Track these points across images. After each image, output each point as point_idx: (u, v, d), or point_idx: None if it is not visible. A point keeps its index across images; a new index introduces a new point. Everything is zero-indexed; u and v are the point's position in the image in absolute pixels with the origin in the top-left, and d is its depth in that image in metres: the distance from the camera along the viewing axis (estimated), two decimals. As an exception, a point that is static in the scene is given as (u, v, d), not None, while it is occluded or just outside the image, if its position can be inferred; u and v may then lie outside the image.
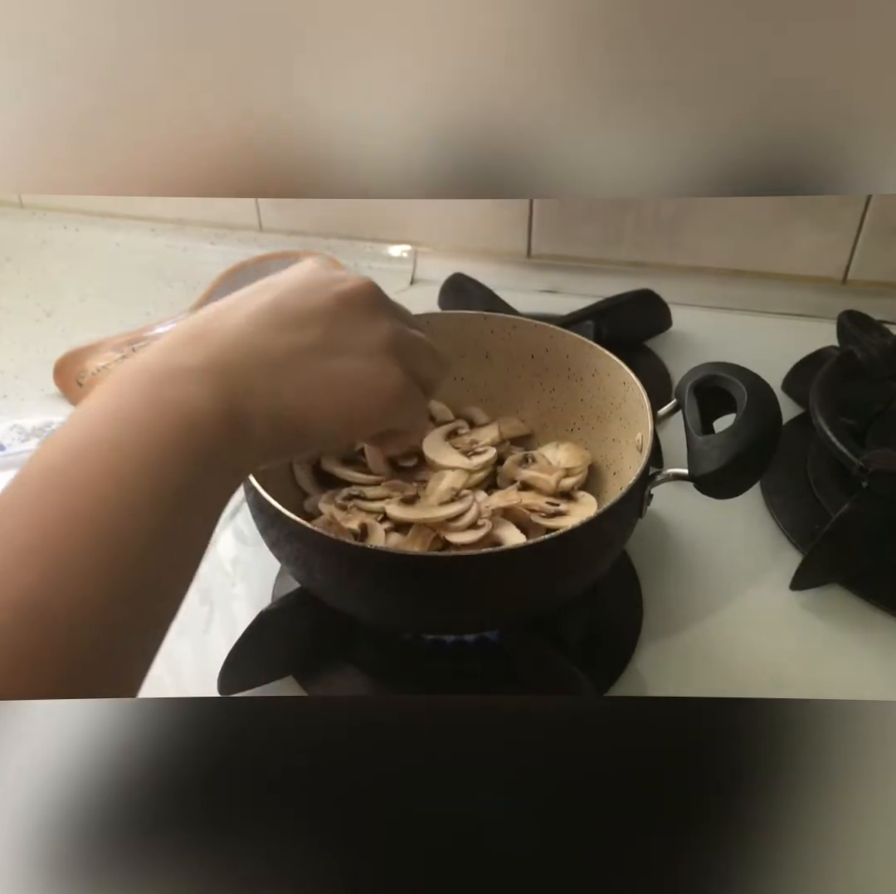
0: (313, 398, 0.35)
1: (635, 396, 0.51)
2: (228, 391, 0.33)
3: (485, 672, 0.50)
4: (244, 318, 0.35)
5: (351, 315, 0.37)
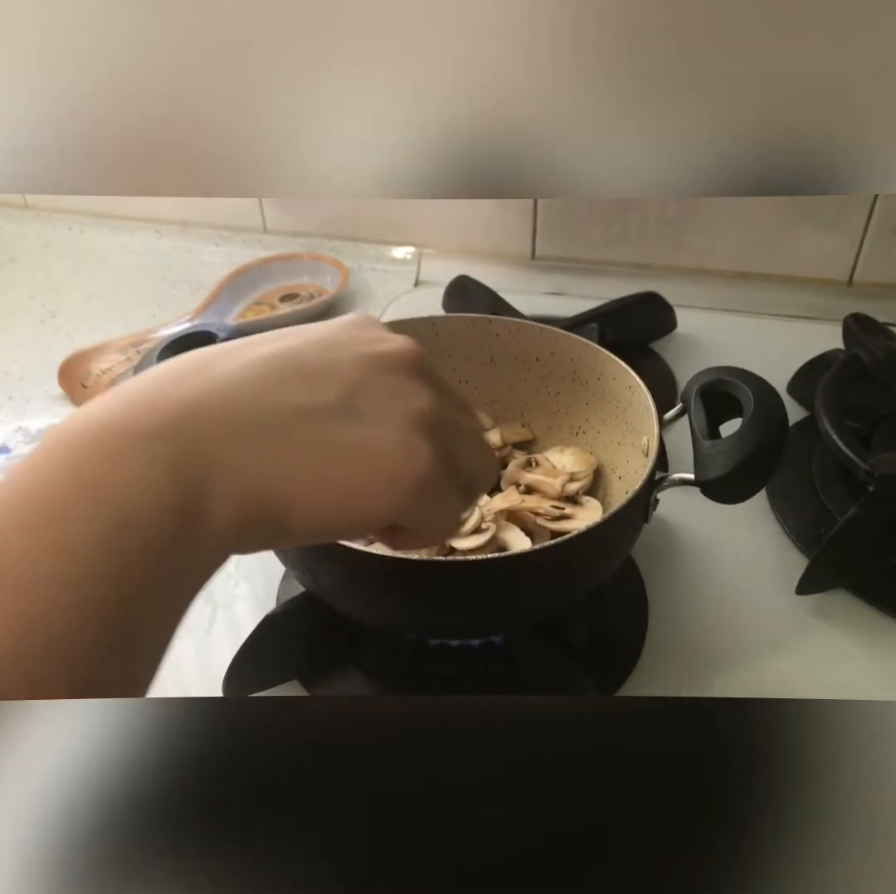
0: (304, 474, 0.26)
1: (641, 400, 0.51)
2: (181, 467, 0.24)
3: (489, 676, 0.50)
4: (243, 364, 0.27)
5: (381, 378, 0.29)
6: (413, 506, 0.28)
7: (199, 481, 0.25)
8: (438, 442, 0.29)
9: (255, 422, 0.26)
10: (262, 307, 0.85)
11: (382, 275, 0.90)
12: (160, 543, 0.24)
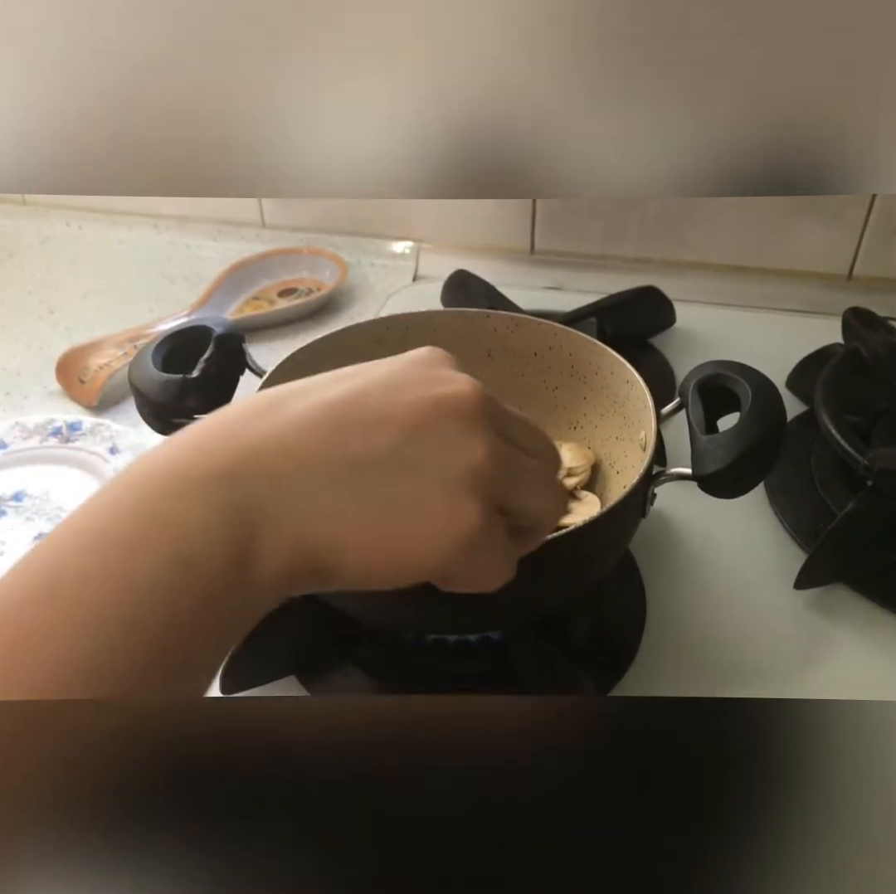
0: (352, 527, 0.27)
1: (639, 395, 0.51)
2: (238, 511, 0.25)
3: (487, 672, 0.50)
4: (305, 409, 0.27)
5: (440, 425, 0.28)
6: (459, 563, 0.28)
7: (254, 527, 0.25)
8: (493, 494, 0.28)
9: (309, 471, 0.26)
10: (261, 302, 0.85)
11: (381, 269, 0.90)
12: (214, 585, 0.25)
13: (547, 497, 0.32)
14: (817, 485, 0.61)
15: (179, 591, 0.24)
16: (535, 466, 0.31)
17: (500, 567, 0.31)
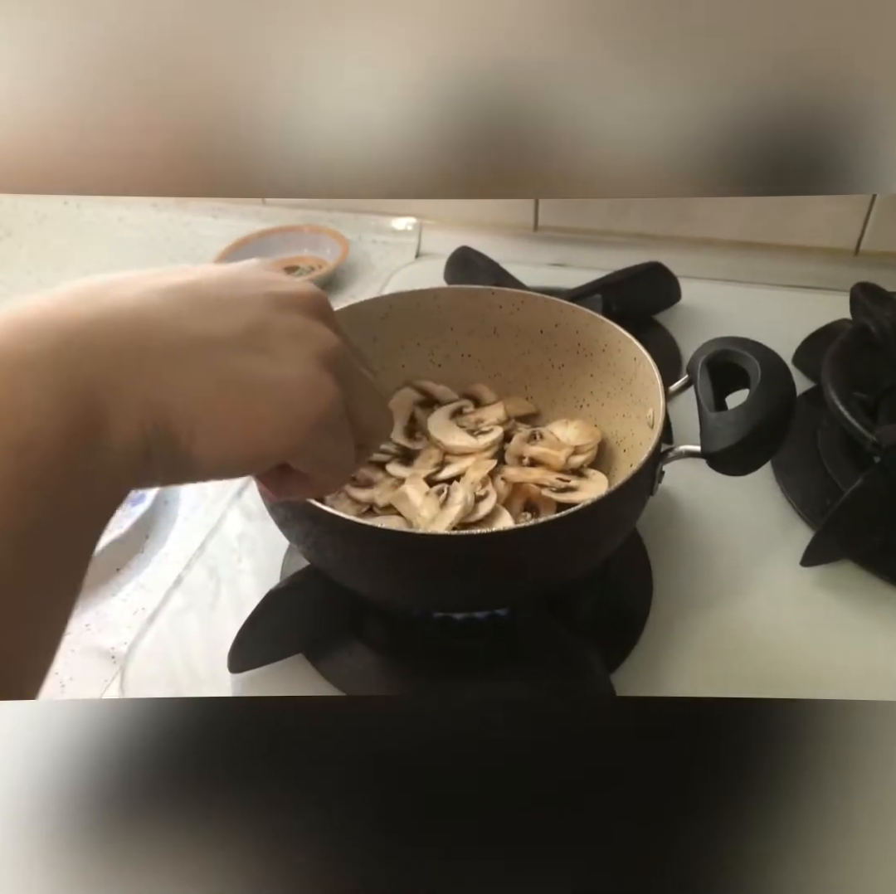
0: (203, 403, 0.26)
1: (646, 372, 0.50)
2: (76, 389, 0.24)
3: (494, 649, 0.50)
4: (138, 293, 0.26)
5: (284, 317, 0.28)
6: (310, 444, 0.28)
7: (93, 406, 0.24)
8: (340, 383, 0.29)
9: (148, 349, 0.25)
10: (262, 280, 0.84)
11: (383, 246, 0.89)
12: (61, 467, 0.23)
13: (381, 406, 0.32)
14: (824, 462, 0.61)
15: (27, 479, 0.23)
16: (369, 377, 0.31)
17: (341, 465, 0.31)
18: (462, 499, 0.48)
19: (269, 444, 0.28)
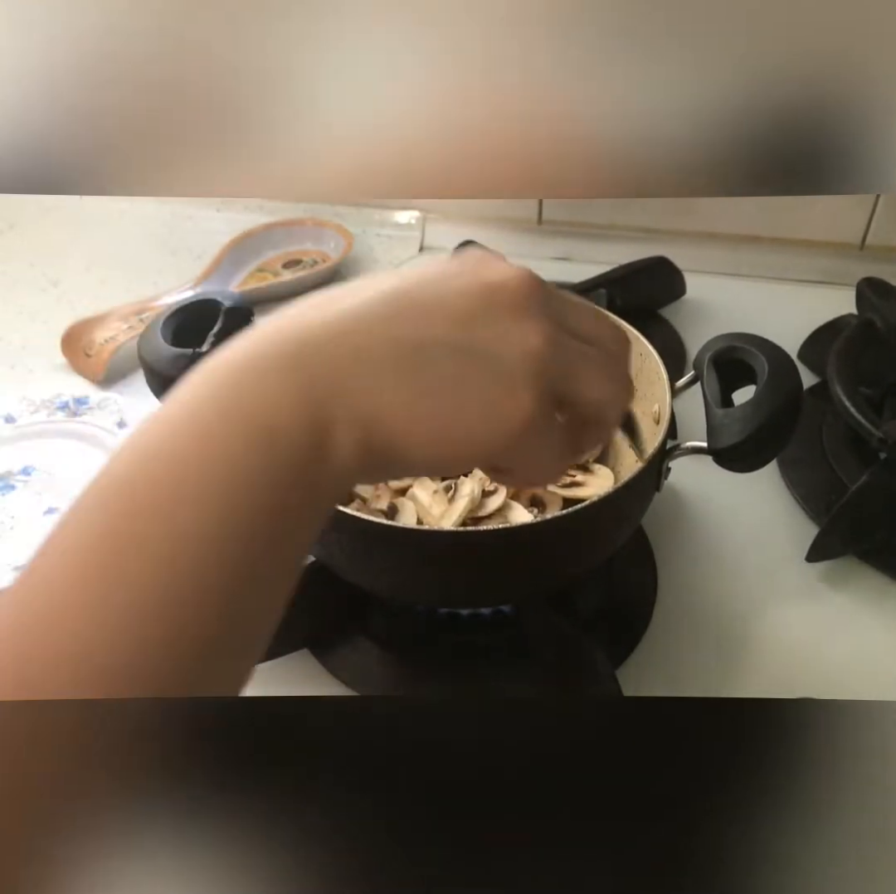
0: (417, 412, 0.28)
1: (652, 367, 0.50)
2: (312, 391, 0.26)
3: (499, 645, 0.50)
4: (360, 302, 0.28)
5: (494, 313, 0.28)
6: (512, 451, 0.29)
7: (326, 405, 0.26)
8: (548, 383, 0.29)
9: (371, 358, 0.27)
10: (265, 274, 0.84)
11: (387, 240, 0.89)
12: (300, 457, 0.26)
13: (605, 385, 0.31)
14: (829, 458, 0.61)
15: (271, 466, 0.25)
16: (592, 354, 0.30)
17: (554, 460, 0.31)
18: (469, 492, 0.48)
19: (470, 451, 0.29)
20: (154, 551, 0.24)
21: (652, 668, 0.49)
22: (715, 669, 0.49)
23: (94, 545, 0.24)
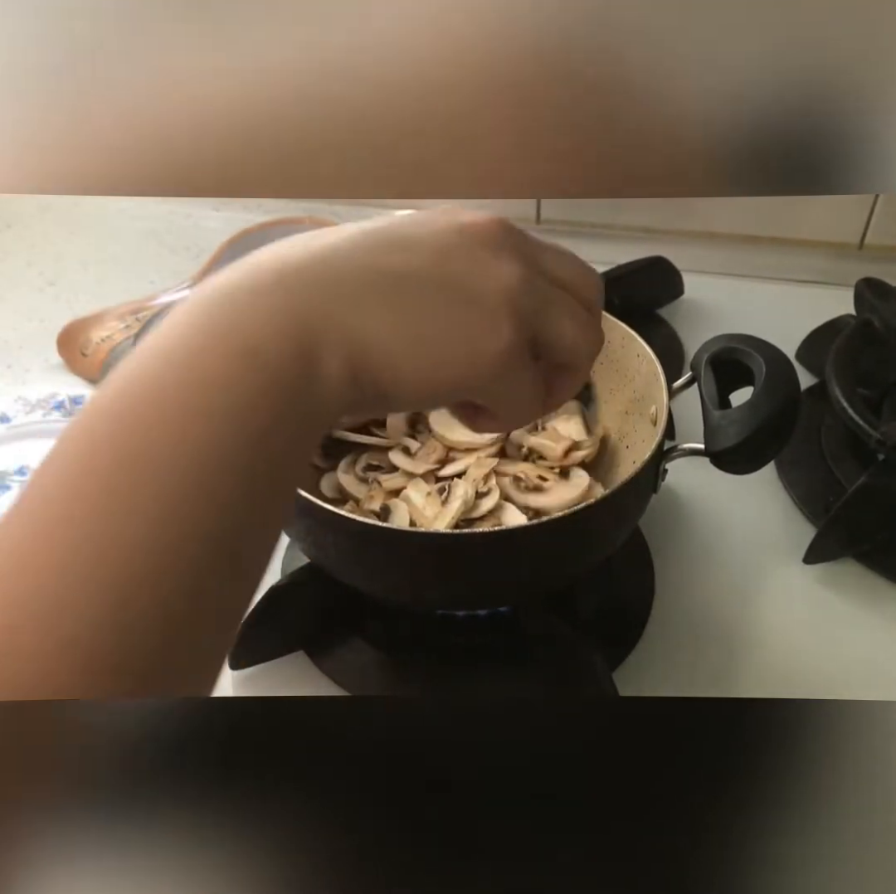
0: (401, 341, 0.28)
1: (649, 368, 0.50)
2: (299, 315, 0.27)
3: (496, 646, 0.50)
4: (341, 238, 0.29)
5: (470, 248, 0.29)
6: (491, 383, 0.30)
7: (313, 330, 0.27)
8: (523, 319, 0.29)
9: (356, 284, 0.28)
10: (263, 273, 0.84)
11: (384, 240, 0.88)
12: (288, 380, 0.26)
13: (576, 330, 0.31)
14: (827, 459, 0.60)
15: (257, 383, 0.25)
16: (565, 298, 0.31)
17: (529, 400, 0.32)
18: (462, 494, 0.48)
19: (452, 382, 0.29)
20: (140, 481, 0.24)
21: (649, 669, 0.49)
22: (712, 670, 0.49)
23: (80, 480, 0.24)
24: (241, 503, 0.25)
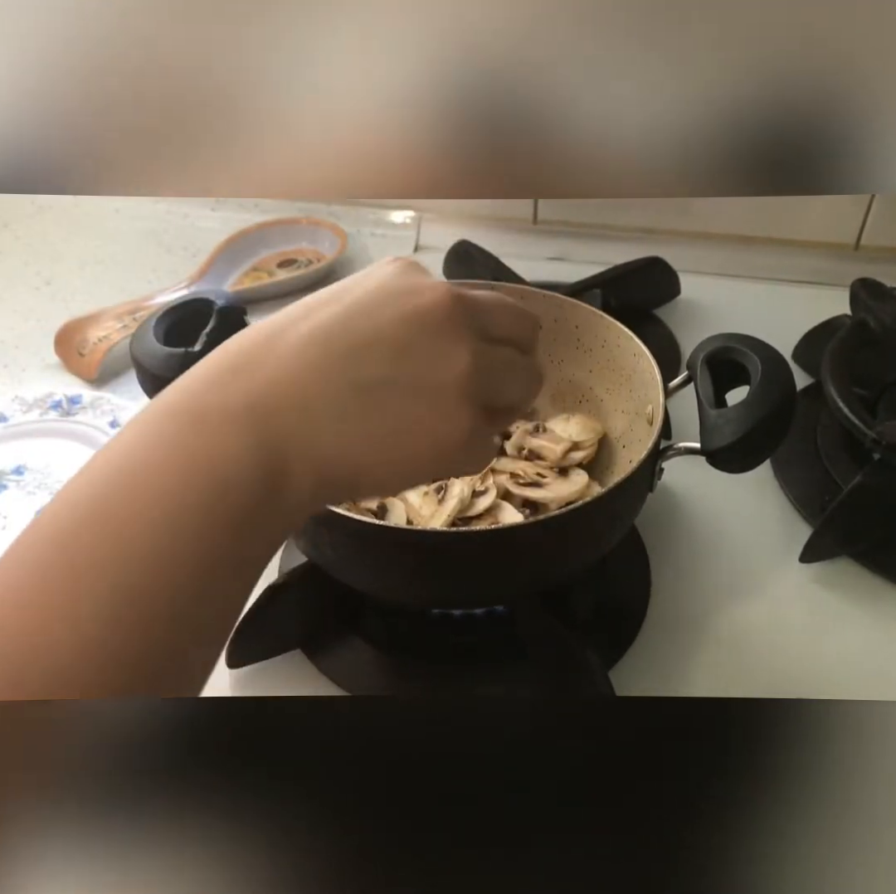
0: (367, 450, 0.30)
1: (646, 368, 0.50)
2: (267, 442, 0.27)
3: (492, 646, 0.50)
4: (296, 344, 0.29)
5: (424, 340, 0.30)
6: (455, 462, 0.33)
7: (282, 456, 0.28)
8: (478, 396, 0.31)
9: (322, 400, 0.29)
10: (260, 273, 0.84)
11: (381, 240, 0.88)
12: (247, 509, 0.27)
13: (522, 384, 0.34)
14: (823, 459, 0.61)
15: (215, 516, 0.26)
16: (510, 357, 0.33)
17: (487, 454, 0.35)
18: (458, 493, 0.48)
19: (417, 474, 0.32)
20: (105, 593, 0.24)
21: (645, 668, 0.49)
22: (708, 669, 0.49)
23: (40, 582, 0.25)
24: (194, 611, 0.26)
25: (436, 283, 0.32)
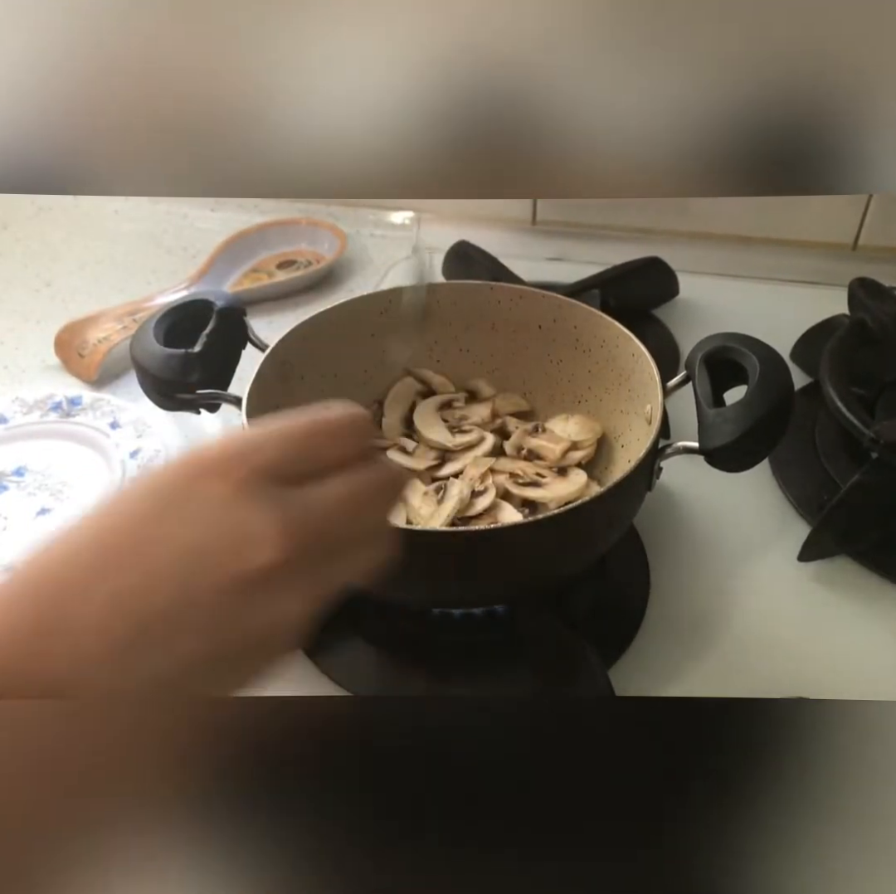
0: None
1: (645, 368, 0.50)
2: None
3: (492, 645, 0.50)
4: (88, 622, 0.24)
5: (251, 599, 0.26)
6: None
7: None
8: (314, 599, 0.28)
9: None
10: (260, 274, 0.84)
11: (381, 240, 0.88)
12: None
13: (354, 521, 0.30)
14: (821, 458, 0.61)
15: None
16: (344, 486, 0.29)
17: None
18: (457, 493, 0.48)
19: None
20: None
21: (644, 668, 0.49)
22: (707, 669, 0.49)
23: None
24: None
25: (265, 517, 0.26)
